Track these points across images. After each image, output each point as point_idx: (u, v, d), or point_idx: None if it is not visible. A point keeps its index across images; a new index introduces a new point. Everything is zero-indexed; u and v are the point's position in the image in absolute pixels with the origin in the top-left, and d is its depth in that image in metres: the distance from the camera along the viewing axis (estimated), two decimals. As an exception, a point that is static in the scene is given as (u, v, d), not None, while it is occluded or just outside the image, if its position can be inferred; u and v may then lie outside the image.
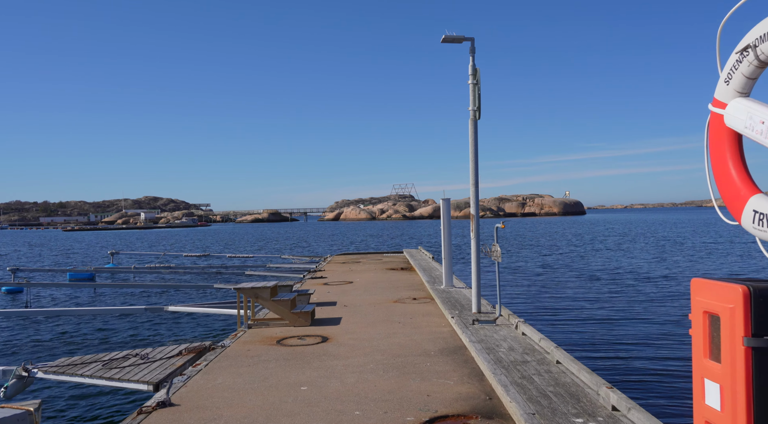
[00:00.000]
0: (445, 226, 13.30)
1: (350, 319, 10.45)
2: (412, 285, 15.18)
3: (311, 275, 18.80)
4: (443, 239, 13.33)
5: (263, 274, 21.03)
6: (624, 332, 12.40)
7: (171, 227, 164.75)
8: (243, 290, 9.95)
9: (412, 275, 17.88)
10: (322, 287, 15.20)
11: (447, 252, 13.31)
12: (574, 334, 12.31)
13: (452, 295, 12.21)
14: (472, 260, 9.82)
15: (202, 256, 28.66)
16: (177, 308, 12.79)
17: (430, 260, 21.54)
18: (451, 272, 13.44)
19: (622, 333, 12.34)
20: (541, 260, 29.44)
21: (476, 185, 9.84)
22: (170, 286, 17.84)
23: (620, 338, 11.85)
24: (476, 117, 9.81)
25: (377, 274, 18.36)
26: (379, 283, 15.85)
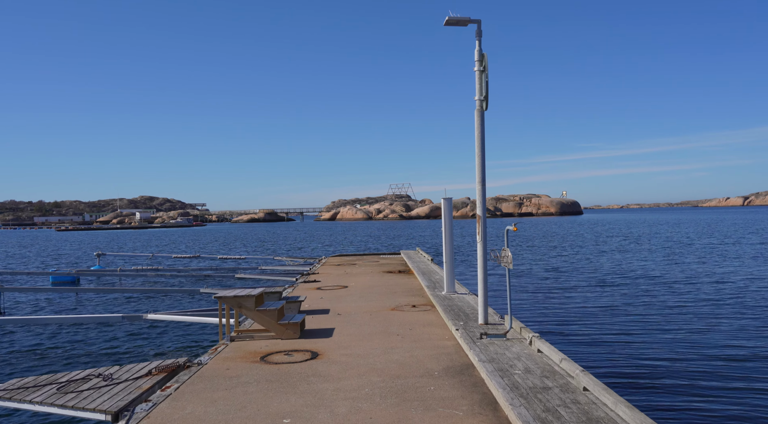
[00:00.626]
0: (446, 227, 12.35)
1: (344, 330, 9.50)
2: (410, 290, 14.24)
3: (304, 278, 17.85)
4: (445, 240, 12.39)
5: (254, 277, 20.06)
6: (651, 348, 11.05)
7: (166, 226, 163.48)
8: (224, 298, 8.98)
9: (410, 278, 16.93)
10: (314, 293, 14.24)
11: (449, 255, 12.36)
12: (594, 350, 11.01)
13: (455, 303, 11.27)
14: (479, 264, 8.87)
15: (193, 257, 27.65)
16: (157, 316, 11.82)
17: (429, 263, 20.60)
18: (453, 277, 12.50)
19: (650, 350, 10.95)
20: (546, 263, 28.26)
21: (483, 183, 8.90)
22: (155, 290, 16.84)
23: (646, 356, 10.52)
24: (483, 107, 8.86)
25: (373, 277, 17.42)
26: (375, 288, 14.91)
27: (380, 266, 20.96)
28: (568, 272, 24.20)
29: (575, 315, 14.66)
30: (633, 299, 16.82)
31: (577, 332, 12.69)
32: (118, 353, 11.30)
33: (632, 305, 15.94)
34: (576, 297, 17.43)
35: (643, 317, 14.11)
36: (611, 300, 16.76)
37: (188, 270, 23.23)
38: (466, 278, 21.42)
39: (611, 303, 16.26)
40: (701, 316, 14.12)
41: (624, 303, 16.19)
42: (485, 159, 8.96)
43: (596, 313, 14.87)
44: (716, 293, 17.52)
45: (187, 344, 11.78)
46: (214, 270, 23.41)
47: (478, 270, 8.89)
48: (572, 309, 15.52)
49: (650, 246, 38.54)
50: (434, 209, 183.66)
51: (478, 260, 8.91)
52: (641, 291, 18.34)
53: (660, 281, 20.50)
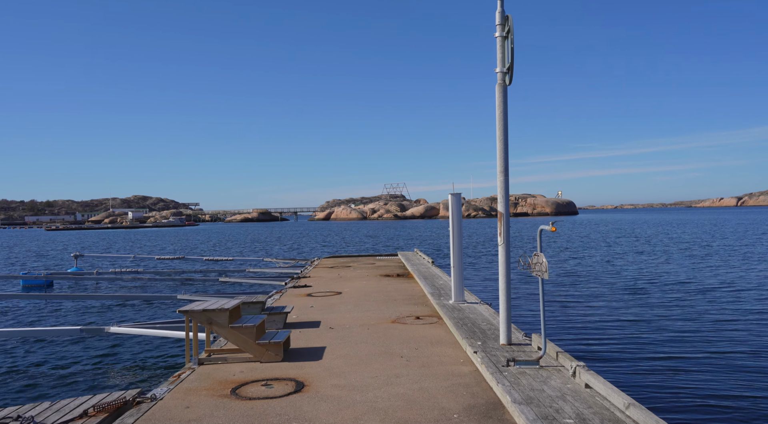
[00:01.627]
0: (455, 226, 10.79)
1: (336, 350, 7.93)
2: (411, 297, 12.68)
3: (294, 282, 16.27)
4: (453, 242, 10.82)
5: (240, 280, 18.45)
6: (704, 372, 9.15)
7: (158, 226, 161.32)
8: (191, 313, 7.39)
9: (410, 283, 15.38)
10: (304, 300, 12.65)
11: (457, 258, 10.80)
12: (640, 379, 8.88)
13: (466, 314, 9.71)
14: (501, 272, 7.32)
15: (177, 259, 26.00)
16: (120, 329, 10.22)
17: (430, 266, 19.04)
18: (462, 284, 10.94)
19: (704, 375, 9.01)
20: (560, 267, 25.78)
21: (506, 173, 7.34)
22: (128, 297, 15.19)
23: (703, 385, 8.56)
24: (506, 81, 7.31)
25: (370, 281, 15.85)
26: (372, 294, 13.34)
27: (377, 269, 19.40)
28: (586, 277, 21.97)
29: (602, 330, 12.64)
30: (668, 310, 14.66)
31: (608, 351, 10.82)
32: (60, 377, 9.50)
33: (670, 317, 13.74)
34: (600, 307, 15.32)
35: (686, 333, 12.07)
36: (643, 311, 14.65)
37: (170, 273, 21.61)
38: (470, 284, 19.87)
39: (643, 315, 14.14)
40: (757, 332, 12.17)
41: (659, 315, 14.05)
42: (508, 144, 7.41)
43: (627, 327, 12.82)
44: (761, 303, 15.47)
45: (151, 365, 10.07)
46: (197, 273, 21.78)
47: (500, 279, 7.33)
48: (598, 322, 13.47)
49: (666, 247, 36.38)
50: (429, 209, 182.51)
51: (499, 267, 7.35)
52: (675, 300, 16.17)
53: (694, 288, 18.30)
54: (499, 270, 7.36)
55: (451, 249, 10.87)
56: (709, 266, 25.11)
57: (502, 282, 7.28)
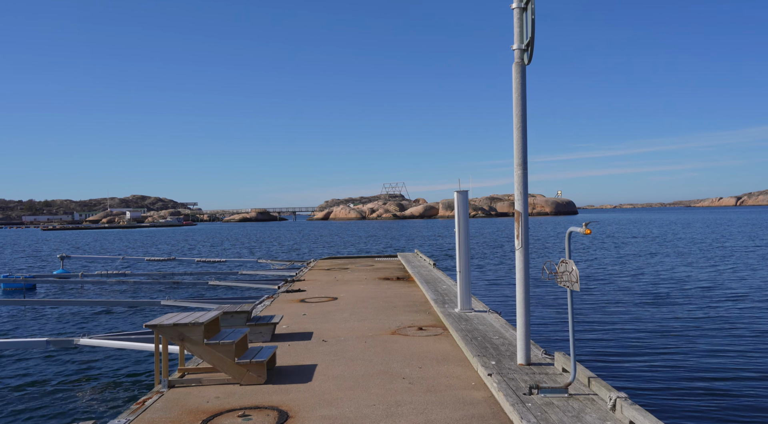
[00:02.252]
0: (461, 227, 9.80)
1: (329, 368, 6.94)
2: (413, 304, 11.70)
3: (287, 286, 15.29)
4: (459, 244, 9.83)
5: (230, 284, 17.45)
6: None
7: (155, 226, 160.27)
8: (160, 328, 6.39)
9: (411, 287, 14.39)
10: (296, 307, 11.66)
11: (464, 262, 9.81)
12: (688, 408, 7.66)
13: (474, 325, 8.72)
14: (519, 280, 6.34)
15: (167, 260, 25.00)
16: (90, 340, 9.21)
17: (432, 268, 18.05)
18: (469, 291, 9.94)
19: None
20: None
21: (524, 165, 6.36)
22: (110, 303, 14.19)
23: None
24: (524, 60, 6.32)
25: (368, 286, 14.87)
26: (370, 300, 12.35)
27: (375, 271, 18.41)
28: (603, 281, 20.40)
29: (628, 343, 11.19)
30: (698, 320, 13.09)
31: (640, 370, 9.44)
32: (10, 402, 8.38)
33: (701, 328, 12.15)
34: (623, 316, 13.80)
35: (721, 346, 10.71)
36: (673, 322, 13.04)
37: (158, 275, 20.61)
38: (474, 288, 18.90)
39: (675, 326, 12.56)
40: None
41: (688, 325, 12.53)
42: (527, 133, 6.42)
43: (658, 341, 11.28)
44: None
45: (117, 385, 8.96)
46: (187, 275, 20.77)
47: (518, 288, 6.34)
48: (622, 335, 11.92)
49: (679, 249, 34.70)
50: (428, 209, 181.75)
51: (517, 274, 6.37)
52: (704, 307, 14.64)
53: (721, 294, 16.71)
54: (516, 278, 6.37)
55: (457, 252, 9.88)
56: (731, 268, 23.71)
57: (521, 292, 6.29)
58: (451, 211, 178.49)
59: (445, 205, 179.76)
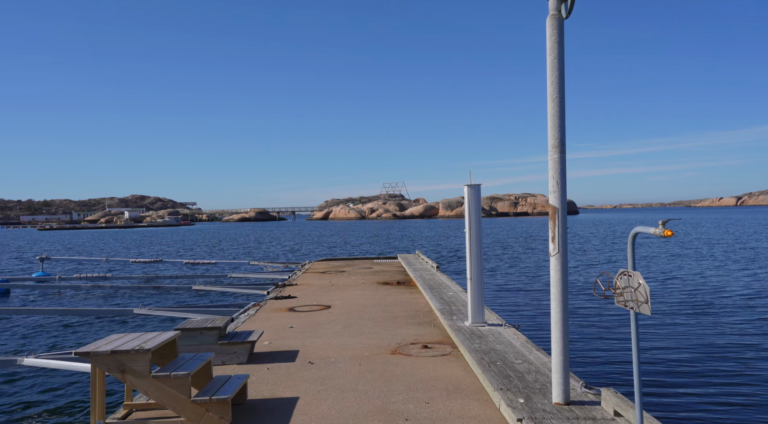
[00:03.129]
0: (472, 228, 8.40)
1: (313, 405, 5.54)
2: (416, 314, 10.31)
3: (277, 291, 13.91)
4: (470, 247, 8.43)
5: (216, 289, 16.05)
6: None
7: (153, 226, 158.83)
8: (95, 356, 4.98)
9: (413, 294, 13.01)
10: (283, 317, 10.27)
11: (476, 268, 8.41)
12: None
13: (490, 344, 7.32)
14: (554, 296, 4.94)
15: (154, 262, 23.61)
16: (37, 360, 7.83)
17: (435, 272, 16.65)
18: (482, 301, 8.54)
19: None
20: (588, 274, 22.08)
21: (561, 148, 4.97)
22: (81, 311, 12.76)
23: None
24: (562, 12, 4.93)
25: (366, 291, 13.49)
26: (367, 309, 10.96)
27: (374, 275, 17.03)
28: None
29: (670, 367, 9.25)
30: (759, 338, 11.09)
31: (695, 405, 7.59)
32: None
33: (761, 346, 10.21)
34: (660, 330, 11.69)
35: None
36: (719, 338, 11.06)
37: (140, 278, 19.22)
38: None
39: (722, 343, 10.55)
40: None
41: (747, 347, 10.46)
42: (564, 106, 5.02)
43: (706, 364, 9.35)
44: None
45: (59, 417, 7.53)
46: (172, 279, 19.37)
47: (553, 306, 4.94)
48: (661, 355, 9.97)
49: (700, 250, 32.10)
50: (428, 209, 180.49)
51: (552, 288, 4.97)
52: (759, 323, 12.51)
53: None
54: (552, 292, 4.97)
55: (468, 255, 8.48)
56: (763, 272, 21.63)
57: (558, 311, 4.89)
58: (451, 210, 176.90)
59: (445, 205, 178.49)
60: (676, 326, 12.39)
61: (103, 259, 23.01)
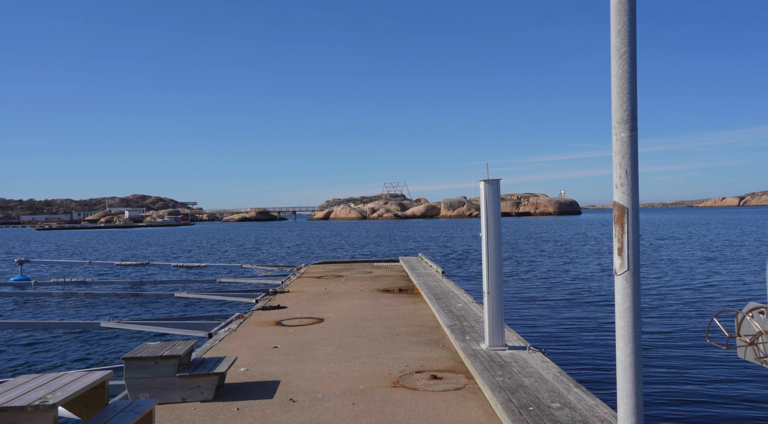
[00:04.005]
0: (490, 230, 6.98)
1: (288, 470, 4.13)
2: (421, 329, 8.91)
3: (267, 300, 12.53)
4: (487, 252, 7.02)
5: (200, 296, 14.65)
6: None
7: (152, 226, 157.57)
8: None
9: (417, 303, 11.60)
10: (268, 333, 8.87)
11: (494, 278, 7.00)
12: None
13: (515, 376, 5.90)
14: (621, 330, 3.51)
15: (140, 265, 22.23)
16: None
17: (440, 277, 15.24)
18: (501, 319, 7.12)
19: None
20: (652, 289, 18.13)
21: (632, 123, 3.55)
22: (37, 325, 11.34)
23: None
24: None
25: (364, 300, 12.09)
26: (365, 323, 9.56)
27: (373, 280, 15.63)
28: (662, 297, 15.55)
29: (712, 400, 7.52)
30: None
31: None
32: None
33: None
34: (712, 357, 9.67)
35: None
36: None
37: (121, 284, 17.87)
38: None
39: None
40: None
41: None
42: (636, 66, 3.60)
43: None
44: None
45: None
46: (155, 284, 18.00)
47: (619, 345, 3.52)
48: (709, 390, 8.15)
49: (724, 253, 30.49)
50: (430, 209, 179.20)
51: (618, 320, 3.54)
52: None
53: None
54: (617, 326, 3.54)
55: (485, 265, 7.07)
56: None
57: (627, 353, 3.47)
58: (452, 210, 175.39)
59: (446, 205, 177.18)
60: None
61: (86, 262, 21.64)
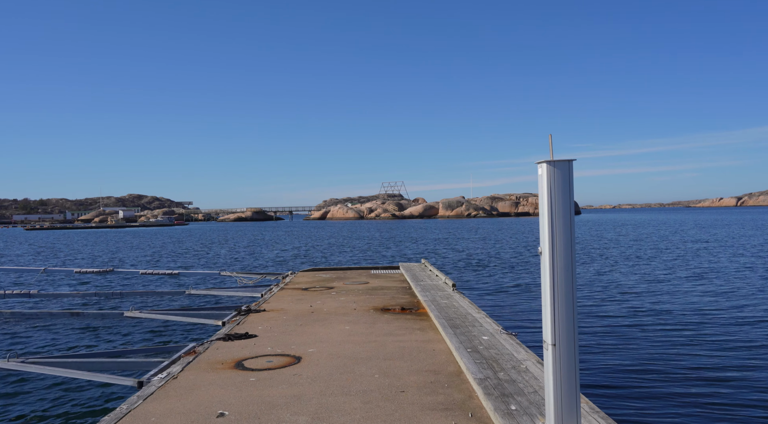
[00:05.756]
0: (559, 246, 4.26)
1: None
2: (435, 380, 6.20)
3: (235, 322, 9.82)
4: (553, 280, 4.29)
5: (154, 316, 11.88)
6: None
7: (145, 226, 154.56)
8: None
9: (425, 331, 8.90)
10: (219, 384, 6.15)
11: (565, 325, 4.28)
12: None
13: None
14: None
15: (103, 272, 19.48)
16: None
17: (452, 292, 12.51)
18: (577, 389, 4.39)
19: None
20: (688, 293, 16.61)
21: None
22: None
23: None
24: None
25: (357, 327, 9.38)
26: (357, 367, 6.84)
27: (370, 295, 12.91)
28: (703, 320, 13.05)
29: None
30: None
31: None
32: None
33: None
34: None
35: None
36: None
37: (69, 296, 15.16)
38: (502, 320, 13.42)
39: None
40: None
41: None
42: None
43: None
44: None
45: None
46: (109, 297, 15.26)
47: None
48: None
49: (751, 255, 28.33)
50: (428, 208, 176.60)
51: None
52: None
53: None
54: None
55: (548, 297, 4.35)
56: None
57: None
58: (451, 210, 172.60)
59: (445, 205, 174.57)
60: None
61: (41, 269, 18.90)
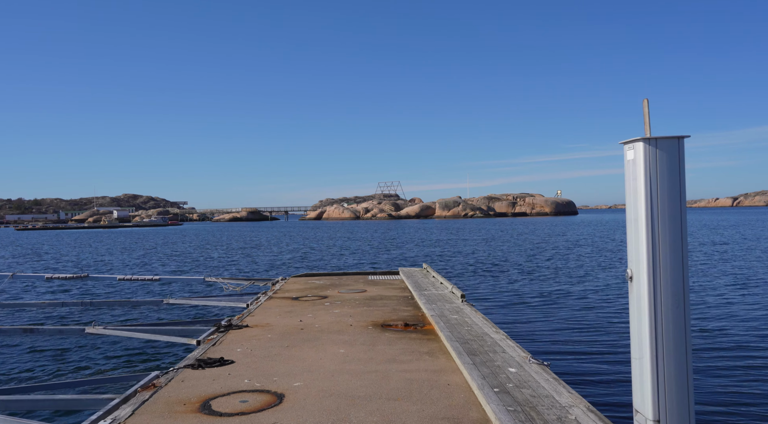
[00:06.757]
0: (665, 252, 2.79)
1: None
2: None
3: (211, 342, 8.34)
4: (653, 295, 2.82)
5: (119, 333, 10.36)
6: None
7: (139, 226, 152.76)
8: None
9: (434, 356, 7.43)
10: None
11: (672, 349, 2.80)
12: None
13: None
14: None
15: (76, 278, 17.94)
16: None
17: (462, 305, 11.04)
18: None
19: None
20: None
21: None
22: None
23: None
24: None
25: (354, 349, 7.90)
26: (354, 411, 5.36)
27: (368, 305, 11.44)
28: None
29: None
30: None
31: None
32: None
33: None
34: None
35: None
36: None
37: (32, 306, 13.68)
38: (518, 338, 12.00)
39: None
40: None
41: None
42: None
43: None
44: None
45: None
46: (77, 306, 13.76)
47: None
48: None
49: None
50: (424, 209, 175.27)
51: None
52: None
53: None
54: None
55: (645, 333, 2.87)
56: None
57: None
58: (447, 211, 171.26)
59: (441, 205, 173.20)
60: None
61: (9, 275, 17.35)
